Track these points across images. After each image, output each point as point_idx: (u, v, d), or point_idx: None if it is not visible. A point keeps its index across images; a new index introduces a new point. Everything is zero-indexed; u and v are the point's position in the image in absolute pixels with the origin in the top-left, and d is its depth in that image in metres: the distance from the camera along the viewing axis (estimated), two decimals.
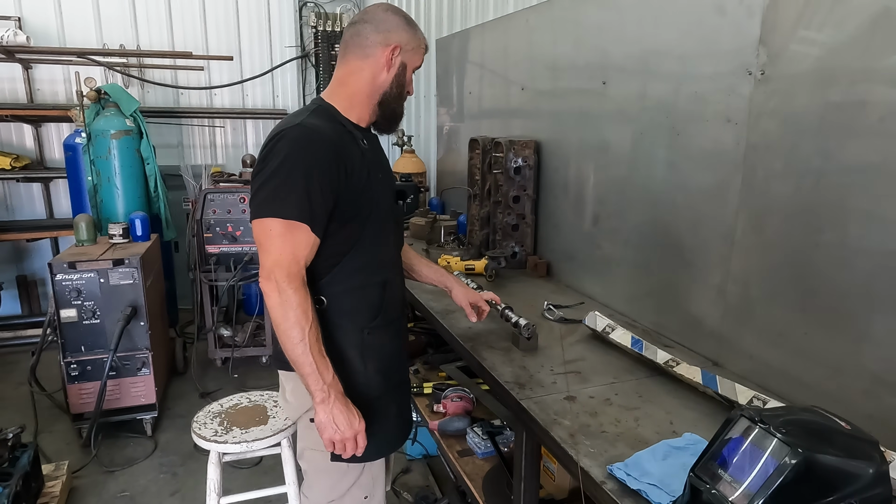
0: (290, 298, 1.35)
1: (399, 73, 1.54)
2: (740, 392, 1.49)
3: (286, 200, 1.37)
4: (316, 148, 1.41)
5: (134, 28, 4.94)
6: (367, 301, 1.56)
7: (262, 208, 1.39)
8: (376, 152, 1.63)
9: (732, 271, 1.74)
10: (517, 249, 2.91)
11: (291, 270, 1.36)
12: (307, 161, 1.40)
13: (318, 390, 1.39)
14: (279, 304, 1.35)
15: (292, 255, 1.37)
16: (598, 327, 1.98)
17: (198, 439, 1.95)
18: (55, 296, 2.99)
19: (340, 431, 1.41)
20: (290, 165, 1.39)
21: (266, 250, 1.38)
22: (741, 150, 1.67)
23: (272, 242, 1.37)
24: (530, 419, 1.51)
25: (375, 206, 1.54)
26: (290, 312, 1.35)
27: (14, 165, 4.43)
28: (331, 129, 1.47)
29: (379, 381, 1.59)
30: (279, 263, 1.36)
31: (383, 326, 1.59)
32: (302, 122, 1.45)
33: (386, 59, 1.52)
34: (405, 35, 1.53)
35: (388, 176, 1.69)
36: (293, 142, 1.41)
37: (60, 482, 2.66)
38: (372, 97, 1.55)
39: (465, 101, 3.77)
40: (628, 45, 2.14)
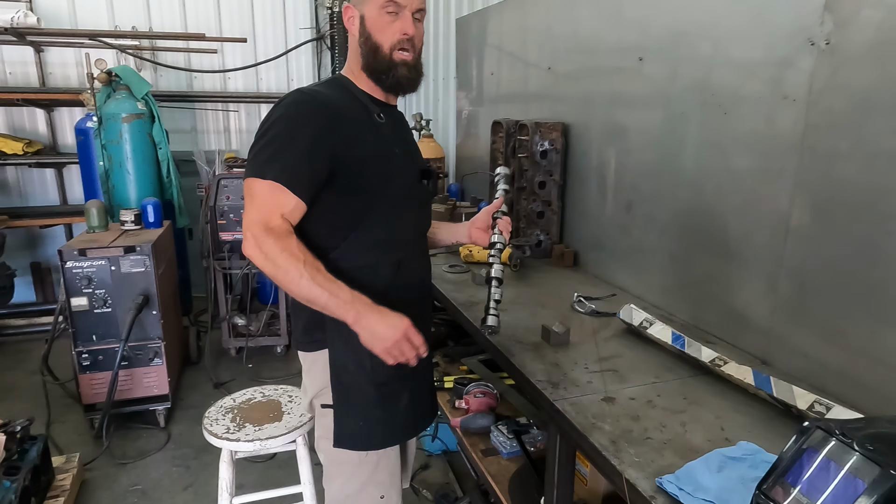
0: (272, 247, 1.26)
1: (361, 29, 1.43)
2: (799, 395, 1.36)
3: (270, 162, 1.31)
4: (309, 111, 1.35)
5: (146, 10, 4.82)
6: (377, 280, 1.45)
7: (249, 168, 1.34)
8: (398, 129, 1.56)
9: (786, 262, 1.59)
10: (542, 238, 2.78)
11: (270, 224, 1.28)
12: (297, 123, 1.33)
13: (344, 313, 1.31)
14: (265, 259, 1.27)
15: (269, 212, 1.29)
16: (634, 321, 1.85)
17: (209, 436, 1.86)
18: (65, 284, 2.92)
19: (386, 339, 1.31)
20: (280, 128, 1.33)
21: (246, 211, 1.31)
22: (799, 129, 1.51)
23: (252, 203, 1.31)
24: (567, 423, 1.39)
25: (388, 182, 1.45)
26: (277, 259, 1.27)
27: (26, 150, 4.35)
28: (337, 96, 1.42)
29: (386, 366, 1.44)
30: (256, 221, 1.28)
31: (395, 307, 1.44)
32: (302, 88, 1.42)
33: (347, 24, 1.47)
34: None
35: (412, 154, 1.60)
36: (287, 106, 1.36)
37: (71, 475, 2.59)
38: (359, 63, 1.47)
39: (486, 84, 3.62)
40: (667, 18, 1.99)
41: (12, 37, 4.09)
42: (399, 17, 1.41)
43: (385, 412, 1.51)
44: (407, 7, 1.41)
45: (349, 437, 1.49)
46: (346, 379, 1.47)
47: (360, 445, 1.50)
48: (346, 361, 1.46)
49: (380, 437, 1.52)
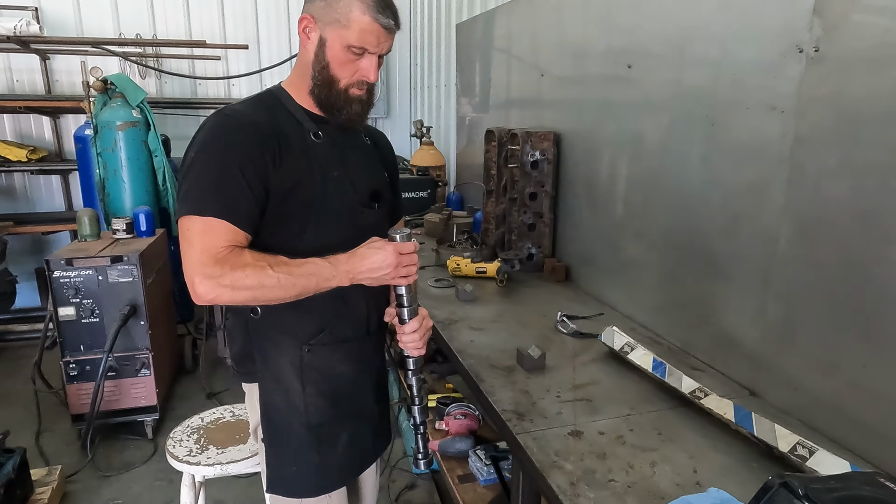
0: (230, 275, 1.14)
1: (318, 52, 1.27)
2: (781, 436, 1.24)
3: (203, 196, 1.18)
4: (233, 136, 1.21)
5: (151, 17, 4.85)
6: (310, 315, 1.34)
7: (180, 206, 1.19)
8: (339, 147, 1.37)
9: (774, 285, 1.47)
10: (534, 251, 2.68)
11: (219, 256, 1.15)
12: (223, 151, 1.20)
13: (339, 281, 1.23)
14: (232, 290, 1.14)
15: (212, 246, 1.16)
16: (615, 345, 1.74)
17: (171, 459, 1.80)
18: (53, 293, 2.90)
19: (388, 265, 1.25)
20: (204, 157, 1.20)
21: (186, 254, 1.17)
22: (788, 142, 1.40)
23: (191, 244, 1.16)
24: (526, 458, 1.29)
25: (319, 207, 1.30)
26: (245, 281, 1.15)
27: (30, 157, 4.39)
28: (262, 115, 1.27)
29: (322, 406, 1.38)
30: (201, 261, 1.14)
31: (330, 345, 1.37)
32: (223, 109, 1.28)
33: (300, 33, 1.30)
34: (320, 4, 1.25)
35: (355, 175, 1.39)
36: (209, 131, 1.23)
37: (51, 488, 2.56)
38: (305, 80, 1.32)
39: (487, 90, 3.53)
40: (657, 24, 1.88)
41: (16, 45, 4.13)
42: (363, 57, 1.28)
43: (320, 456, 1.39)
44: (376, 52, 1.29)
45: (281, 482, 1.39)
46: (278, 420, 1.37)
47: (292, 492, 1.39)
48: (276, 400, 1.36)
49: (314, 484, 1.41)
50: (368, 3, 1.23)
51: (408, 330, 1.41)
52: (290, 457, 1.38)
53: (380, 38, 1.26)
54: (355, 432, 1.47)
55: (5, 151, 4.34)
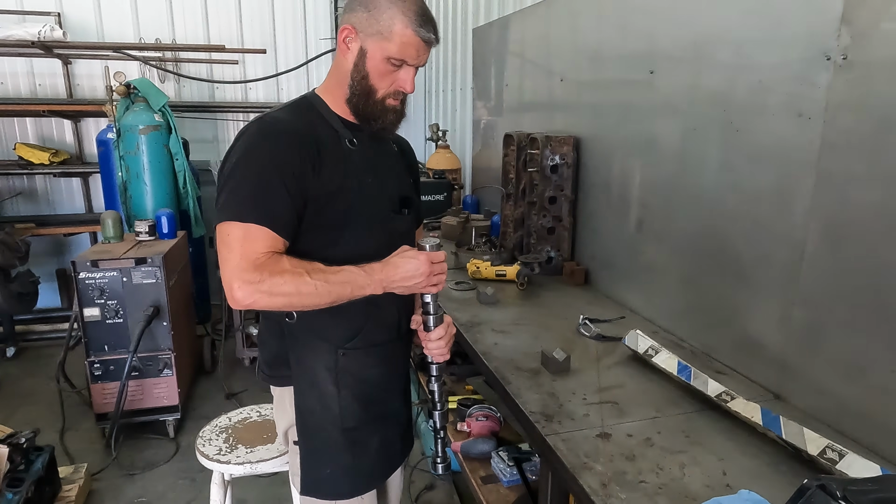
0: (269, 281, 1.16)
1: (358, 62, 1.29)
2: (810, 439, 1.25)
3: (243, 202, 1.20)
4: (274, 143, 1.23)
5: (170, 22, 4.92)
6: (345, 319, 1.36)
7: (220, 213, 1.22)
8: (372, 154, 1.39)
9: (801, 290, 1.49)
10: (553, 254, 2.70)
11: (258, 262, 1.17)
12: (264, 157, 1.22)
13: (372, 289, 1.27)
14: (270, 296, 1.17)
15: (252, 252, 1.18)
16: (639, 349, 1.75)
17: (201, 458, 1.83)
18: (78, 294, 2.95)
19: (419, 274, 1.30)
20: (246, 164, 1.22)
21: (225, 260, 1.18)
22: (814, 149, 1.41)
23: (231, 249, 1.18)
24: (556, 460, 1.31)
25: (356, 216, 1.33)
26: (283, 287, 1.17)
27: (52, 160, 4.46)
28: (301, 121, 1.30)
29: (356, 409, 1.40)
30: (242, 267, 1.16)
31: (364, 349, 1.40)
32: (264, 115, 1.29)
33: (340, 43, 1.32)
34: (363, 15, 1.27)
35: (387, 182, 1.43)
36: (250, 138, 1.25)
37: (78, 486, 2.61)
38: (343, 89, 1.33)
39: (503, 94, 3.56)
40: (679, 30, 1.90)
41: (39, 49, 4.20)
42: (401, 69, 1.31)
43: (354, 459, 1.42)
44: (414, 64, 1.32)
45: (315, 485, 1.41)
46: (312, 423, 1.39)
47: (327, 494, 1.41)
48: (311, 404, 1.38)
49: (349, 486, 1.43)
50: (410, 16, 1.26)
51: (434, 337, 1.45)
52: (325, 459, 1.41)
53: (419, 51, 1.29)
54: (386, 435, 1.50)
55: (28, 154, 4.41)
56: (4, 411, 3.46)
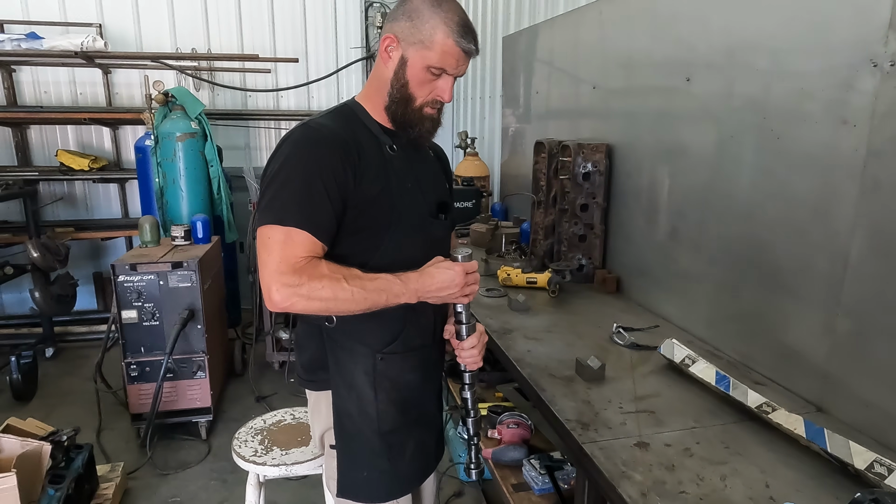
0: (308, 285, 1.19)
1: (398, 70, 1.32)
2: (856, 452, 1.22)
3: (286, 206, 1.22)
4: (318, 149, 1.26)
5: (206, 32, 5.04)
6: (384, 324, 1.38)
7: (262, 216, 1.24)
8: (411, 160, 1.42)
9: (844, 300, 1.46)
10: (584, 262, 2.68)
11: (298, 266, 1.20)
12: (307, 163, 1.25)
13: (407, 297, 1.30)
14: (308, 300, 1.20)
15: (292, 255, 1.21)
16: (675, 358, 1.73)
17: (237, 458, 1.87)
18: (117, 297, 3.03)
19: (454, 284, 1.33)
20: (290, 168, 1.25)
21: (264, 262, 1.21)
22: (860, 156, 1.39)
23: (270, 252, 1.20)
24: (594, 468, 1.30)
25: (397, 221, 1.35)
26: (321, 292, 1.20)
27: (92, 167, 4.60)
28: (344, 129, 1.32)
29: (393, 413, 1.42)
30: (281, 270, 1.19)
31: (401, 353, 1.41)
32: (309, 122, 1.32)
33: (381, 52, 1.34)
34: (405, 25, 1.29)
35: (426, 187, 1.46)
36: (295, 143, 1.27)
37: (114, 484, 2.67)
38: (382, 97, 1.36)
39: (532, 102, 3.56)
40: (716, 37, 1.89)
41: (82, 60, 4.34)
42: (440, 78, 1.33)
43: (390, 463, 1.43)
44: (453, 74, 1.34)
45: (352, 487, 1.43)
46: (350, 426, 1.40)
47: (363, 498, 1.43)
48: (349, 408, 1.40)
49: (385, 489, 1.45)
50: (452, 27, 1.28)
51: (467, 346, 1.47)
52: (362, 463, 1.42)
53: (459, 61, 1.32)
54: (421, 439, 1.51)
55: (69, 161, 4.55)
56: (44, 409, 3.57)
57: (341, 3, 5.23)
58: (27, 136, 4.92)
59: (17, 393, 3.64)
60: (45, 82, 4.86)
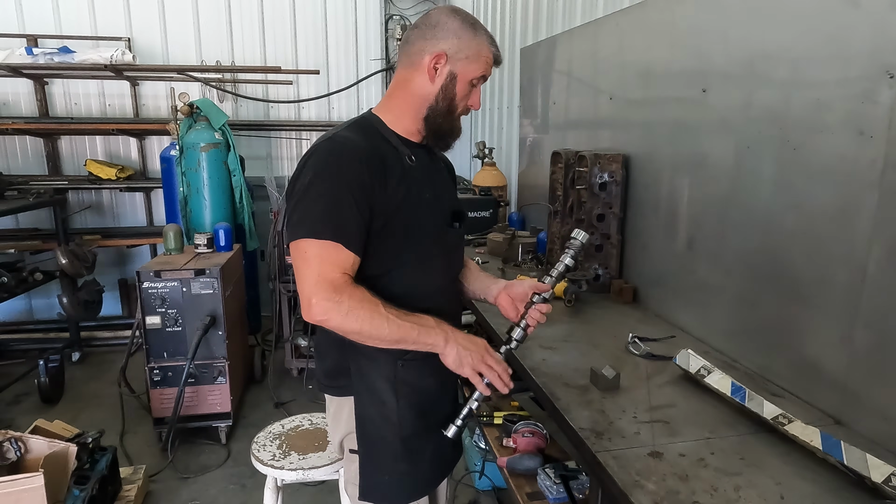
0: (348, 303, 1.23)
1: (447, 85, 1.38)
2: (874, 466, 1.21)
3: (318, 220, 1.26)
4: (345, 162, 1.30)
5: (230, 45, 5.16)
6: None
7: (296, 230, 1.28)
8: (428, 170, 1.48)
9: (863, 312, 1.45)
10: (601, 272, 2.68)
11: (337, 283, 1.24)
12: (337, 176, 1.28)
13: (436, 337, 1.32)
14: (344, 317, 1.23)
15: (331, 271, 1.25)
16: (691, 368, 1.73)
17: (256, 462, 1.90)
18: (141, 303, 3.11)
19: (472, 352, 1.34)
20: (320, 182, 1.28)
21: (303, 275, 1.26)
22: (878, 167, 1.38)
23: (309, 265, 1.25)
24: (607, 477, 1.31)
25: (417, 231, 1.40)
26: (359, 312, 1.24)
27: (119, 176, 4.73)
28: (366, 141, 1.36)
29: (412, 419, 1.45)
30: (320, 284, 1.23)
31: (421, 359, 1.42)
32: (334, 135, 1.36)
33: (429, 69, 1.38)
34: (454, 42, 1.36)
35: (442, 196, 1.51)
36: (322, 157, 1.31)
37: (137, 486, 2.73)
38: (418, 110, 1.41)
39: (550, 112, 3.58)
40: (733, 48, 1.89)
41: (111, 72, 4.48)
42: (475, 88, 1.43)
43: (410, 466, 1.46)
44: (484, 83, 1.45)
45: (374, 491, 1.46)
46: (372, 432, 1.43)
47: (385, 500, 1.46)
48: (371, 413, 1.43)
49: (406, 492, 1.48)
50: (487, 38, 1.40)
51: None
52: (383, 467, 1.45)
53: (490, 70, 1.43)
54: (438, 443, 1.52)
55: (97, 170, 4.69)
56: (70, 412, 3.66)
57: (362, 16, 5.32)
58: (58, 146, 5.07)
59: (45, 396, 3.74)
60: (75, 94, 5.02)
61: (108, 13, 4.91)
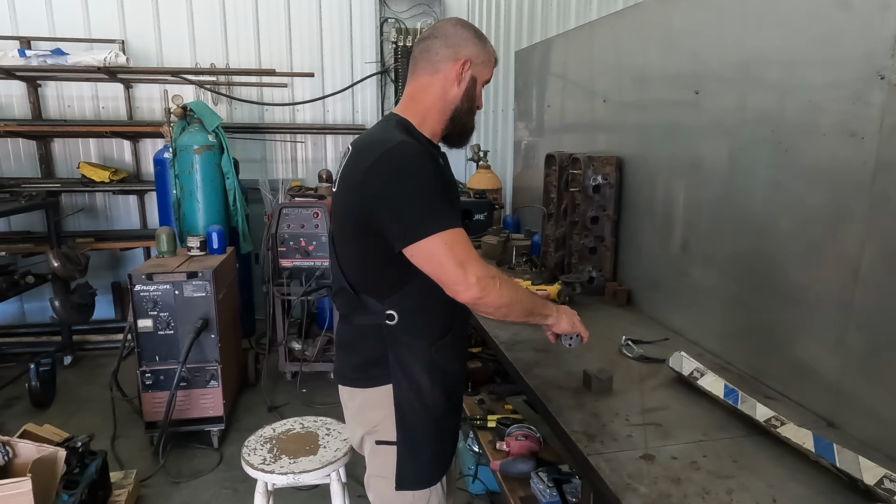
0: (501, 280, 1.40)
1: (469, 88, 1.53)
2: (866, 468, 1.21)
3: (440, 213, 1.36)
4: (428, 161, 1.41)
5: (224, 47, 5.14)
6: (437, 319, 1.52)
7: (424, 227, 1.34)
8: (448, 169, 1.60)
9: (856, 313, 1.44)
10: (594, 274, 2.68)
11: (483, 264, 1.39)
12: (429, 172, 1.38)
13: (551, 310, 1.60)
14: (500, 292, 1.39)
15: (477, 258, 1.38)
16: (684, 371, 1.72)
17: (246, 466, 1.88)
18: (133, 306, 3.08)
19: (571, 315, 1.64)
20: (420, 180, 1.37)
21: (450, 264, 1.34)
22: (869, 169, 1.38)
23: (455, 254, 1.35)
24: (599, 480, 1.30)
25: None
26: (510, 285, 1.43)
27: (112, 178, 4.70)
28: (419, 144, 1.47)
29: (443, 400, 1.54)
30: (475, 266, 1.36)
31: (451, 345, 1.55)
32: (401, 139, 1.41)
33: (456, 74, 1.50)
34: (474, 49, 1.52)
35: (456, 195, 1.64)
36: (406, 160, 1.38)
37: (127, 491, 2.70)
38: (444, 112, 1.53)
39: (545, 115, 3.59)
40: (726, 51, 1.89)
41: (105, 75, 4.46)
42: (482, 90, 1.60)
43: (441, 445, 1.56)
44: None
45: (412, 477, 1.52)
46: (412, 417, 1.49)
47: (423, 483, 1.53)
48: (410, 399, 1.49)
49: (437, 472, 1.56)
50: (491, 46, 1.57)
51: None
52: (423, 450, 1.52)
53: None
54: (456, 422, 1.64)
55: (91, 173, 4.65)
56: (61, 416, 3.62)
57: (357, 18, 5.31)
58: (51, 148, 5.04)
59: (36, 400, 3.70)
60: (69, 97, 4.98)
61: (102, 15, 4.88)
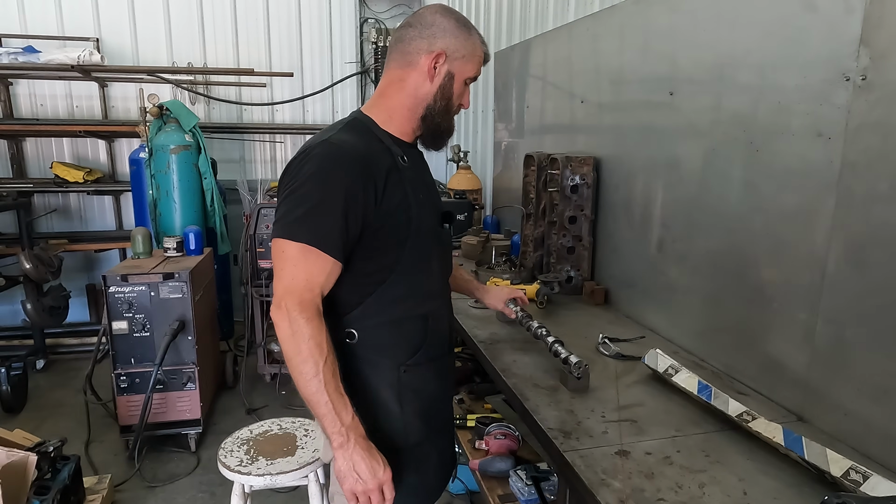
0: (301, 329, 1.19)
1: (445, 84, 1.37)
2: (833, 461, 1.23)
3: (303, 223, 1.23)
4: (342, 166, 1.26)
5: (202, 46, 5.08)
6: (406, 336, 1.40)
7: (278, 229, 1.25)
8: (419, 170, 1.46)
9: (823, 309, 1.48)
10: (572, 274, 2.70)
11: (304, 298, 1.21)
12: (331, 181, 1.25)
13: (336, 433, 1.21)
14: (290, 336, 1.20)
15: (306, 281, 1.22)
16: (658, 368, 1.75)
17: (222, 468, 1.86)
18: (108, 308, 3.03)
19: (362, 482, 1.22)
20: (312, 185, 1.24)
21: (278, 276, 1.24)
22: (835, 168, 1.42)
23: (284, 267, 1.23)
24: (574, 476, 1.31)
25: (414, 230, 1.36)
26: (301, 345, 1.19)
27: (87, 179, 4.61)
28: (363, 144, 1.32)
29: (418, 425, 1.41)
30: (290, 291, 1.21)
31: (424, 364, 1.41)
32: (330, 138, 1.31)
33: (428, 68, 1.35)
34: (453, 41, 1.35)
35: (433, 196, 1.51)
36: (318, 160, 1.26)
37: (101, 496, 2.65)
38: (414, 110, 1.39)
39: (524, 116, 3.61)
40: (699, 52, 1.92)
41: (79, 73, 4.38)
42: (467, 88, 1.43)
43: (419, 476, 1.42)
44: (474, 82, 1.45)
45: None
46: (376, 442, 1.28)
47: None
48: (373, 423, 1.32)
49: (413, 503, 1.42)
50: (480, 38, 1.41)
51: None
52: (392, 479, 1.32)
53: (481, 70, 1.44)
54: (442, 448, 1.52)
55: (64, 173, 4.57)
56: (33, 422, 3.54)
57: (336, 18, 5.29)
58: (23, 148, 4.93)
59: (7, 405, 3.62)
60: (41, 95, 4.88)
61: (76, 12, 4.79)
